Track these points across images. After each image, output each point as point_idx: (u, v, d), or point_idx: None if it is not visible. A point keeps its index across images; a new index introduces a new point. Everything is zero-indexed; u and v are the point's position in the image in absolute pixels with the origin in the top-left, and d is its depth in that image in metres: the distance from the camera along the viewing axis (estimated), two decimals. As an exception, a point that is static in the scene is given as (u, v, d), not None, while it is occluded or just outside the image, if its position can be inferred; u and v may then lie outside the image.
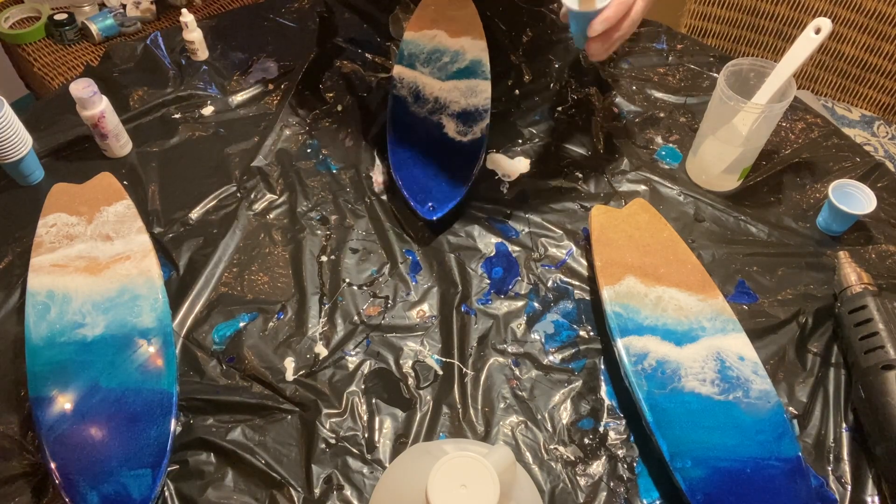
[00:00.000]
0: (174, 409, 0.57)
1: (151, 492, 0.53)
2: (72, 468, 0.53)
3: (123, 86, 0.89)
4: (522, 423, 0.60)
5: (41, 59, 1.32)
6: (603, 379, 0.63)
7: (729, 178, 0.77)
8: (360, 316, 0.67)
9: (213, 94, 0.88)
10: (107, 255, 0.67)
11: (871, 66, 1.15)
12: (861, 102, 1.20)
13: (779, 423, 0.56)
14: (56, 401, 0.57)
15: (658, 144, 0.83)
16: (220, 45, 0.95)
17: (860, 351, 0.60)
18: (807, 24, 0.72)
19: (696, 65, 0.93)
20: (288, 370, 0.63)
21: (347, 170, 0.80)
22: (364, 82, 0.91)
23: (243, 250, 0.72)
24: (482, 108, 0.82)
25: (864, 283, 0.63)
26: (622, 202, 0.76)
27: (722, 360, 0.60)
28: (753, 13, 1.21)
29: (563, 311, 0.67)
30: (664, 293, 0.64)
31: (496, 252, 0.72)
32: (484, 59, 0.88)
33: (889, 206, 0.76)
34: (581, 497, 0.55)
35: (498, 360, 0.64)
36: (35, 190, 0.76)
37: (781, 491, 0.53)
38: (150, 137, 0.83)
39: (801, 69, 1.22)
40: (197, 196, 0.77)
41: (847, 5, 1.12)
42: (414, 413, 0.60)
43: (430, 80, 0.86)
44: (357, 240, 0.73)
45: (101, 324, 0.61)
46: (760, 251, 0.72)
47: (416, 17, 0.95)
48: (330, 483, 0.56)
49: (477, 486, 0.41)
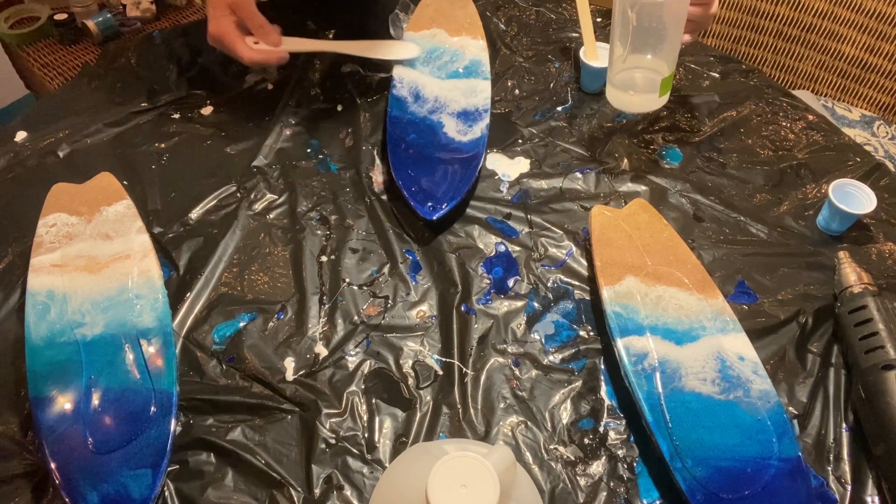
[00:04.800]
0: (174, 409, 0.56)
1: (151, 492, 0.53)
2: (72, 468, 0.53)
3: (123, 85, 0.89)
4: (522, 423, 0.60)
5: (41, 59, 1.32)
6: (603, 379, 0.62)
7: (649, 97, 0.74)
8: (360, 316, 0.67)
9: (213, 94, 0.88)
10: (106, 253, 0.67)
11: (871, 66, 1.15)
12: (861, 102, 1.20)
13: (779, 423, 0.56)
14: (56, 401, 0.56)
15: (658, 144, 0.83)
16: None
17: (860, 351, 0.60)
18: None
19: (696, 64, 0.93)
20: (288, 370, 0.63)
21: (347, 170, 0.80)
22: (364, 82, 0.91)
23: (243, 250, 0.72)
24: (482, 107, 0.82)
25: (864, 283, 0.63)
26: (622, 202, 0.76)
27: (722, 359, 0.60)
28: (753, 13, 1.21)
29: (563, 311, 0.67)
30: (664, 293, 0.64)
31: (496, 252, 0.72)
32: (484, 58, 0.88)
33: (889, 206, 0.76)
34: (581, 497, 0.55)
35: (498, 360, 0.64)
36: (35, 190, 0.76)
37: (781, 491, 0.53)
38: (150, 137, 0.83)
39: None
40: (197, 196, 0.77)
41: (847, 5, 1.12)
42: (414, 413, 0.60)
43: (430, 79, 0.86)
44: (357, 240, 0.73)
45: (100, 323, 0.61)
46: (760, 251, 0.72)
47: (416, 17, 0.95)
48: (330, 483, 0.56)
49: (477, 486, 0.41)
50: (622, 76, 0.74)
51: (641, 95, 0.74)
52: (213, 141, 0.83)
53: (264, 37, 0.77)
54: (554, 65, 0.94)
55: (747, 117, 0.86)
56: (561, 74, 0.92)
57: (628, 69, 0.74)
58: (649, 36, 0.70)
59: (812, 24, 1.16)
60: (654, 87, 0.73)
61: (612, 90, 0.77)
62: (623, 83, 0.75)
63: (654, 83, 0.73)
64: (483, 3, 1.03)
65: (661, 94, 0.73)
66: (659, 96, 0.74)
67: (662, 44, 0.71)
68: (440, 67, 0.87)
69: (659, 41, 0.70)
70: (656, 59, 0.72)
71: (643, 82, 0.72)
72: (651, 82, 0.73)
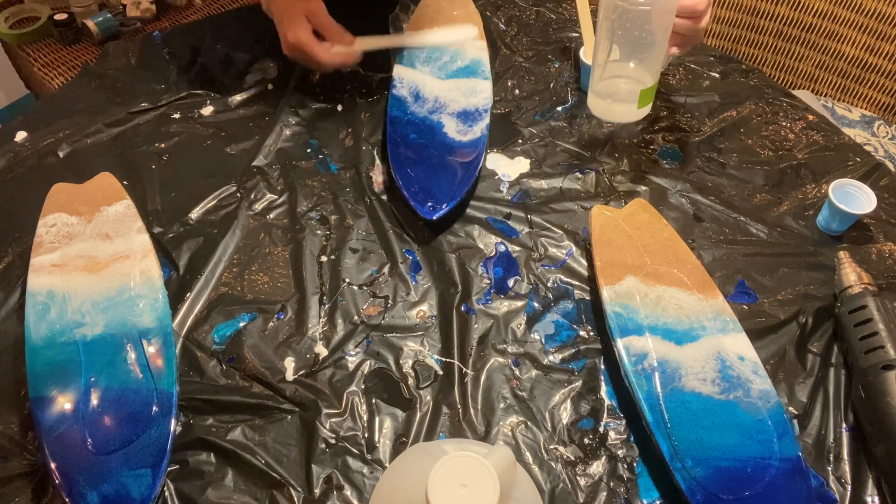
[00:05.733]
0: (174, 409, 0.56)
1: (151, 492, 0.53)
2: (72, 468, 0.53)
3: (123, 85, 0.89)
4: (522, 423, 0.60)
5: (41, 59, 1.32)
6: (603, 379, 0.62)
7: (628, 108, 0.71)
8: (360, 316, 0.67)
9: (213, 94, 0.88)
10: (106, 253, 0.67)
11: (871, 66, 1.15)
12: (861, 102, 1.20)
13: (779, 423, 0.56)
14: (56, 401, 0.56)
15: (658, 144, 0.83)
16: (220, 45, 0.95)
17: (860, 351, 0.60)
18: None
19: (696, 64, 0.93)
20: (288, 370, 0.63)
21: (347, 170, 0.80)
22: (364, 82, 0.91)
23: (243, 250, 0.72)
24: (482, 107, 0.82)
25: (864, 282, 0.63)
26: (622, 202, 0.76)
27: (722, 359, 0.60)
28: (753, 13, 1.21)
29: (563, 311, 0.67)
30: (664, 293, 0.64)
31: (496, 252, 0.72)
32: (484, 58, 0.88)
33: (889, 206, 0.76)
34: (581, 497, 0.55)
35: (498, 360, 0.64)
36: (35, 190, 0.76)
37: (781, 491, 0.53)
38: (150, 137, 0.83)
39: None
40: (197, 196, 0.77)
41: (847, 5, 1.12)
42: (414, 413, 0.60)
43: (430, 79, 0.86)
44: (357, 240, 0.73)
45: (100, 323, 0.61)
46: (760, 251, 0.72)
47: (416, 17, 0.95)
48: (330, 483, 0.56)
49: (477, 486, 0.41)
50: (603, 84, 0.72)
51: (620, 105, 0.72)
52: (213, 141, 0.83)
53: (340, 40, 0.80)
54: (554, 65, 0.94)
55: (747, 117, 0.86)
56: (561, 74, 0.92)
57: (610, 78, 0.72)
58: (633, 44, 0.68)
59: (812, 24, 1.16)
60: (634, 97, 0.71)
61: (592, 98, 0.75)
62: (604, 91, 0.73)
63: (635, 94, 0.71)
64: (483, 3, 1.03)
65: (640, 106, 0.71)
66: (638, 108, 0.71)
67: (645, 53, 0.69)
68: (440, 67, 0.87)
69: (642, 50, 0.68)
70: (639, 69, 0.69)
71: (625, 92, 0.70)
72: (632, 93, 0.71)
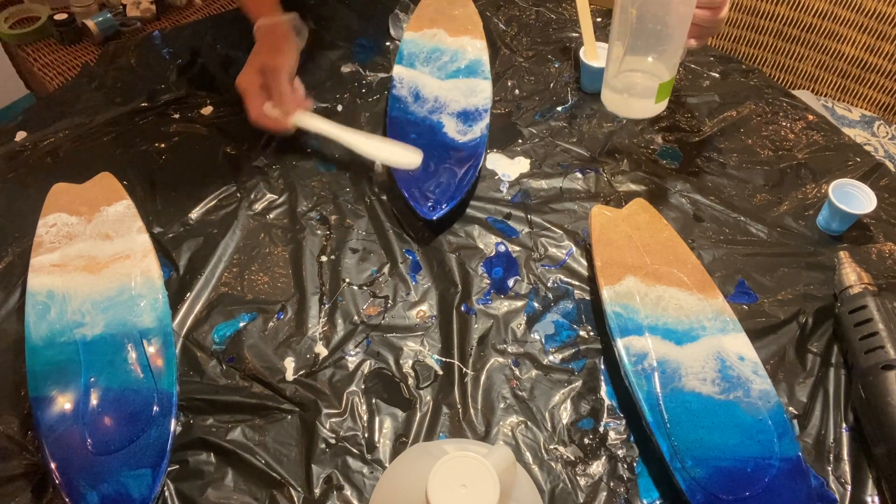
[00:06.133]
0: (174, 409, 0.56)
1: (151, 492, 0.53)
2: (72, 468, 0.53)
3: (123, 85, 0.89)
4: (522, 423, 0.60)
5: (41, 59, 1.32)
6: (603, 379, 0.62)
7: (645, 102, 0.70)
8: (360, 316, 0.67)
9: (213, 94, 0.88)
10: (106, 253, 0.67)
11: (871, 66, 1.15)
12: (861, 102, 1.20)
13: (779, 423, 0.56)
14: (56, 401, 0.56)
15: (658, 144, 0.83)
16: (220, 45, 0.95)
17: (860, 351, 0.60)
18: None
19: (696, 64, 0.93)
20: (288, 370, 0.63)
21: (347, 170, 0.80)
22: (364, 82, 0.91)
23: (243, 250, 0.72)
24: (482, 107, 0.82)
25: (864, 282, 0.63)
26: (622, 202, 0.76)
27: (722, 359, 0.60)
28: (753, 13, 1.21)
29: (563, 311, 0.67)
30: (664, 293, 0.64)
31: (496, 252, 0.72)
32: (484, 58, 0.88)
33: (889, 206, 0.76)
34: (581, 497, 0.55)
35: (498, 360, 0.64)
36: (35, 190, 0.76)
37: (781, 491, 0.53)
38: (150, 137, 0.83)
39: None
40: (197, 196, 0.77)
41: (847, 5, 1.12)
42: (414, 413, 0.60)
43: (430, 79, 0.86)
44: (357, 240, 0.73)
45: (100, 323, 0.61)
46: (760, 251, 0.72)
47: (416, 17, 0.95)
48: (330, 483, 0.56)
49: (477, 486, 0.41)
50: (619, 79, 0.71)
51: (637, 100, 0.70)
52: (213, 141, 0.83)
53: (280, 104, 0.79)
54: (554, 65, 0.94)
55: (747, 117, 0.86)
56: (561, 74, 0.92)
57: (626, 72, 0.72)
58: (651, 37, 0.67)
59: (812, 24, 1.16)
60: (652, 92, 0.69)
61: (607, 93, 0.73)
62: (620, 86, 0.71)
63: (652, 89, 0.69)
64: (483, 3, 1.03)
65: (657, 101, 0.70)
66: (655, 102, 0.70)
67: (664, 46, 0.68)
68: (440, 67, 0.87)
69: (660, 43, 0.67)
70: (657, 63, 0.69)
71: (642, 87, 0.69)
72: (649, 88, 0.69)
